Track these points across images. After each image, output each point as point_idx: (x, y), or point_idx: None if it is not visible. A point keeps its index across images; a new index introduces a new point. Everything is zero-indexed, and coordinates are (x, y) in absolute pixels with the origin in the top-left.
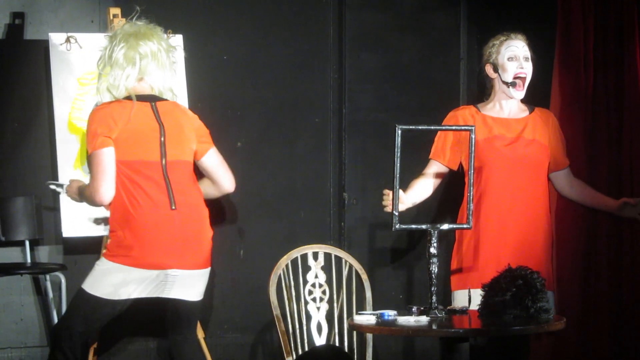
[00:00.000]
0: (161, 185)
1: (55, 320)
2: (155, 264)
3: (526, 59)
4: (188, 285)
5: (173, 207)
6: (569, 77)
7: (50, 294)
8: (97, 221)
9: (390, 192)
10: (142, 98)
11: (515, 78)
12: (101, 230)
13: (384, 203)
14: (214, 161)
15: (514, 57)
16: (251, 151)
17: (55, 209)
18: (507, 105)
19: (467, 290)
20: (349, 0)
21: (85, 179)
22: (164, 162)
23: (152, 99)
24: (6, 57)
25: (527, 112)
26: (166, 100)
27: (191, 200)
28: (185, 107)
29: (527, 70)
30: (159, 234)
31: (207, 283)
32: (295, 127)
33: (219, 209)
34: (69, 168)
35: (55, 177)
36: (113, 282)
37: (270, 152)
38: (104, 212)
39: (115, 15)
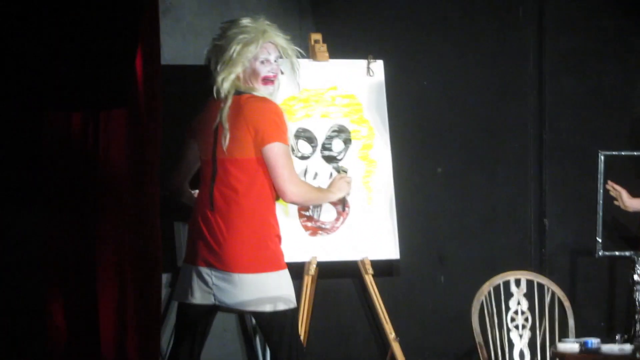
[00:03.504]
0: (207, 185)
1: None
2: (188, 259)
3: None
4: (229, 291)
5: (211, 209)
6: None
7: None
8: None
9: (615, 184)
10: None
11: None
12: None
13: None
14: (268, 160)
15: None
16: (451, 177)
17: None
18: None
19: None
20: (548, 24)
21: None
22: (213, 160)
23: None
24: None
25: None
26: (247, 94)
27: (232, 200)
28: (267, 100)
29: None
30: (194, 233)
31: (283, 294)
32: (494, 153)
33: (417, 232)
34: None
35: None
36: (182, 283)
37: (470, 178)
38: None
39: (316, 41)
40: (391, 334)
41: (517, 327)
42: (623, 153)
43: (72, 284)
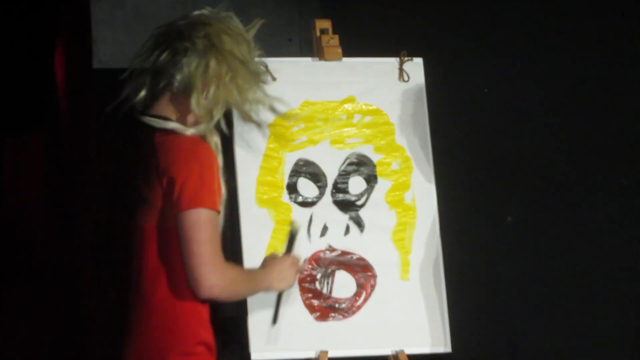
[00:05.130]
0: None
1: None
2: None
3: None
4: None
5: None
6: None
7: None
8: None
9: None
10: None
11: None
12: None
13: None
14: (180, 230)
15: None
16: (526, 229)
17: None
18: None
19: None
20: None
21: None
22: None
23: None
24: None
25: None
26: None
27: None
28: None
29: None
30: None
31: None
32: (590, 194)
33: (478, 314)
34: (257, 258)
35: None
36: None
37: (553, 231)
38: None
39: (323, 31)
40: None
41: None
42: None
43: None
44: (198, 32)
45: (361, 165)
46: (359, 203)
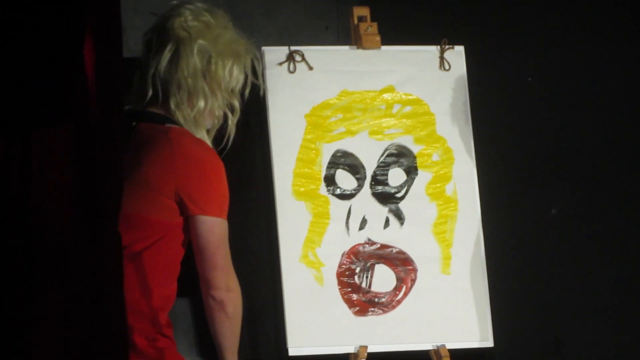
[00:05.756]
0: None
1: None
2: None
3: None
4: None
5: None
6: None
7: None
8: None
9: None
10: None
11: None
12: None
13: None
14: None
15: None
16: (572, 222)
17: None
18: None
19: None
20: None
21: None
22: None
23: None
24: None
25: None
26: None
27: None
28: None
29: None
30: None
31: None
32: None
33: (522, 308)
34: (295, 252)
35: (275, 266)
36: None
37: (599, 224)
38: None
39: (361, 19)
40: None
41: None
42: None
43: None
44: (173, 29)
45: (401, 156)
46: (398, 195)
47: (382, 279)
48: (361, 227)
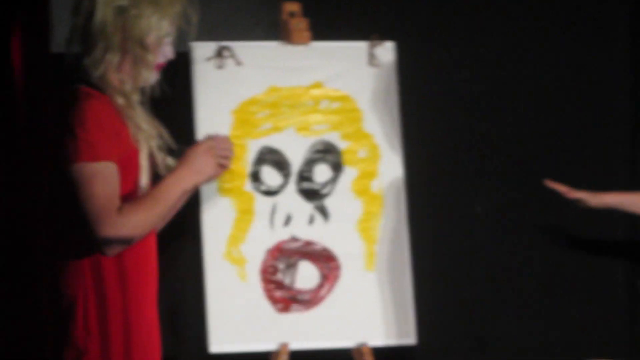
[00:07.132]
0: None
1: None
2: None
3: None
4: None
5: None
6: None
7: None
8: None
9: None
10: None
11: None
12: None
13: None
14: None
15: None
16: (495, 219)
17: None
18: None
19: None
20: None
21: None
22: None
23: None
24: None
25: None
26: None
27: None
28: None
29: None
30: None
31: None
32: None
33: (445, 306)
34: (219, 248)
35: (199, 262)
36: None
37: (524, 221)
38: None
39: (292, 14)
40: None
41: None
42: None
43: None
44: None
45: (327, 152)
46: (324, 192)
47: (306, 275)
48: (286, 224)
